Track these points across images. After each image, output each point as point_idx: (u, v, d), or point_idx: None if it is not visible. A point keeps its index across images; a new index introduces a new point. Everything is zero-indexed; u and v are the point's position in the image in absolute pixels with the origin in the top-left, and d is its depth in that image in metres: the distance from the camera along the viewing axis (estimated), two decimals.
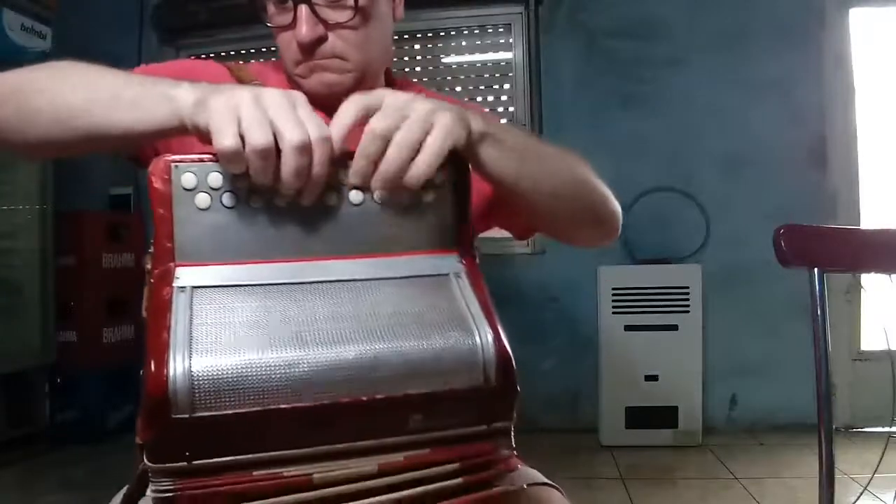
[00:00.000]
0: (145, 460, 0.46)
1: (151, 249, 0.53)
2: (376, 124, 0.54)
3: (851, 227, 1.91)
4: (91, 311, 2.80)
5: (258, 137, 0.49)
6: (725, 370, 2.75)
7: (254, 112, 0.50)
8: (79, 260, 2.80)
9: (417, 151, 0.54)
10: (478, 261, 0.59)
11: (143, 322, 0.51)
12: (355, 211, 0.56)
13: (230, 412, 0.45)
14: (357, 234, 0.56)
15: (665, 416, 2.58)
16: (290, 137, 0.50)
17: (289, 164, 0.50)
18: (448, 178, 0.57)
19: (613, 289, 2.62)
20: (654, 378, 2.59)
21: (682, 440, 2.57)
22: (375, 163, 0.54)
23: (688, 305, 2.58)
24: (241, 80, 0.78)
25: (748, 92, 2.78)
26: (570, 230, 0.78)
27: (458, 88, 3.03)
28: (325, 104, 0.67)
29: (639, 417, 2.59)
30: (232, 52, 3.21)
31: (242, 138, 0.50)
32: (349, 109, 0.55)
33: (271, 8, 0.75)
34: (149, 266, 0.53)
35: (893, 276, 0.89)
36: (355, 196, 0.56)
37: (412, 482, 0.50)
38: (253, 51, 3.19)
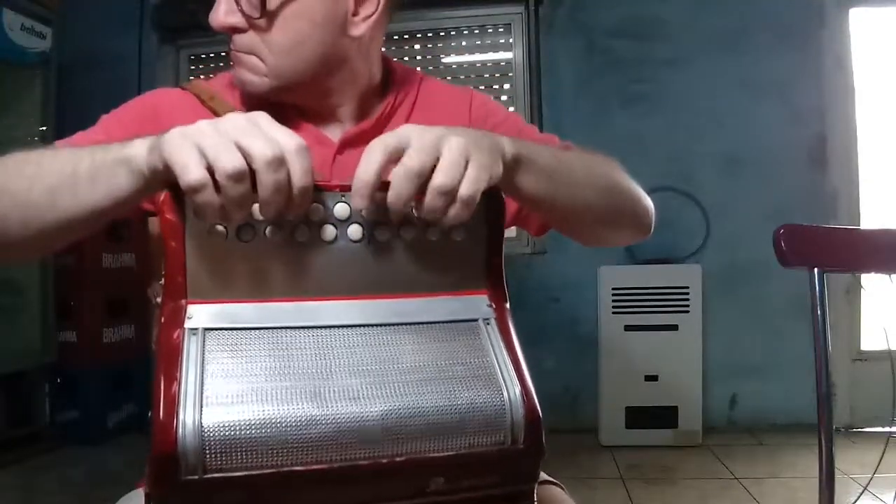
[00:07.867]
0: None
1: (162, 281, 0.50)
2: (410, 165, 0.49)
3: (851, 227, 1.90)
4: (91, 311, 2.79)
5: (227, 161, 0.45)
6: (725, 370, 2.75)
7: (216, 139, 0.46)
8: (79, 260, 2.79)
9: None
10: (508, 305, 0.55)
11: (152, 355, 0.49)
12: (380, 248, 0.51)
13: (243, 474, 0.42)
14: (381, 273, 0.51)
15: (665, 416, 2.58)
16: (261, 153, 0.46)
17: (265, 180, 0.46)
18: (480, 214, 0.53)
19: (613, 289, 2.62)
20: (654, 378, 2.59)
21: (682, 440, 2.57)
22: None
23: (688, 305, 2.58)
24: (213, 109, 0.73)
25: (748, 92, 2.78)
26: (605, 235, 0.78)
27: None
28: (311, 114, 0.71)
29: (639, 417, 2.59)
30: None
31: (210, 171, 0.46)
32: (376, 151, 0.50)
33: None
34: (158, 299, 0.50)
35: (893, 276, 0.89)
36: (381, 234, 0.52)
37: None
38: None
